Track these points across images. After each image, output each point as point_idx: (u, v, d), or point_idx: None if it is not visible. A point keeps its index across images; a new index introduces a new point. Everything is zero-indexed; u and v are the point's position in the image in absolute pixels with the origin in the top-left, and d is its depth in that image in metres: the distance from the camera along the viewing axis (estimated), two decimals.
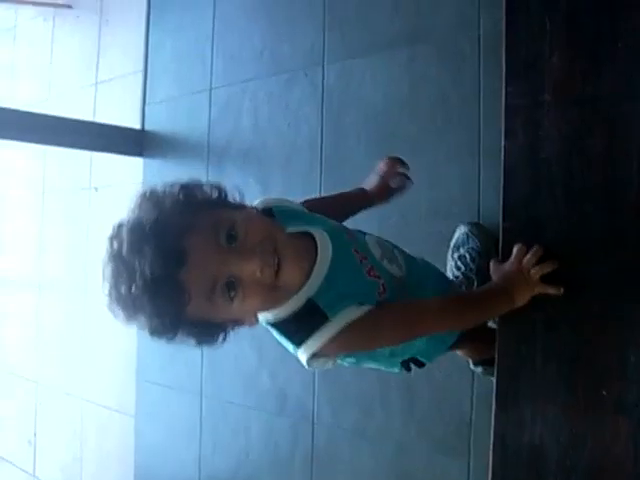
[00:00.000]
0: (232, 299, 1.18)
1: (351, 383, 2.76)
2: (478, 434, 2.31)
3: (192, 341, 1.25)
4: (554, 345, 1.42)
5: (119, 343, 3.84)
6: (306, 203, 1.61)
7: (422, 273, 1.63)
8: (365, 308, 1.30)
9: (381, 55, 2.74)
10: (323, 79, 2.94)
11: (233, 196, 1.31)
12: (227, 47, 3.44)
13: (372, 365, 1.65)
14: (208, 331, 1.26)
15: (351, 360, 1.55)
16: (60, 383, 4.52)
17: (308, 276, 1.30)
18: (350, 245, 1.41)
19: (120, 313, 1.18)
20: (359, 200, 1.83)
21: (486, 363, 2.03)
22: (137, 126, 3.91)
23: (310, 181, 2.96)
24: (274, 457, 3.15)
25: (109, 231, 1.22)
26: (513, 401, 1.46)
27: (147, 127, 3.89)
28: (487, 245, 2.16)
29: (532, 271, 1.40)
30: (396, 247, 1.60)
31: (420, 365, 1.71)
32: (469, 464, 2.35)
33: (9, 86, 4.99)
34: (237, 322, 1.29)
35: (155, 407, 3.76)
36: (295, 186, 3.03)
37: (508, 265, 1.44)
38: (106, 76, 4.27)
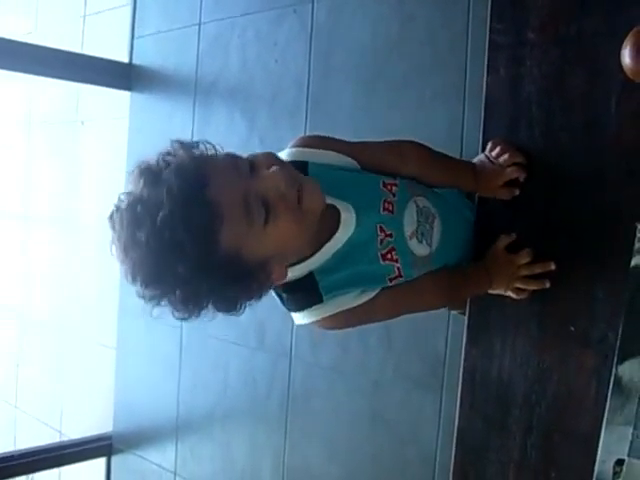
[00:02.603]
0: (265, 226, 1.11)
1: None
2: (451, 371, 2.36)
3: (221, 305, 1.16)
4: None
5: (102, 277, 3.85)
6: (414, 143, 1.49)
7: (455, 236, 1.52)
8: (363, 298, 1.29)
9: None
10: (312, 16, 2.92)
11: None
12: None
13: None
14: (242, 279, 1.14)
15: None
16: (44, 317, 4.54)
17: (320, 247, 1.27)
18: (377, 221, 1.33)
19: (139, 278, 1.09)
20: (461, 179, 1.52)
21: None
22: (125, 59, 3.89)
23: (296, 118, 2.95)
24: (252, 392, 3.20)
25: (110, 208, 1.11)
26: (483, 335, 1.49)
27: (135, 61, 3.86)
28: None
29: (522, 270, 1.41)
30: (442, 208, 1.47)
31: None
32: (441, 400, 2.41)
33: None
34: (267, 270, 1.17)
35: (136, 340, 3.80)
36: (281, 123, 3.03)
37: (501, 254, 1.44)
38: (95, 9, 4.22)
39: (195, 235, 1.04)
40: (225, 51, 3.33)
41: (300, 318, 1.30)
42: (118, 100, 3.93)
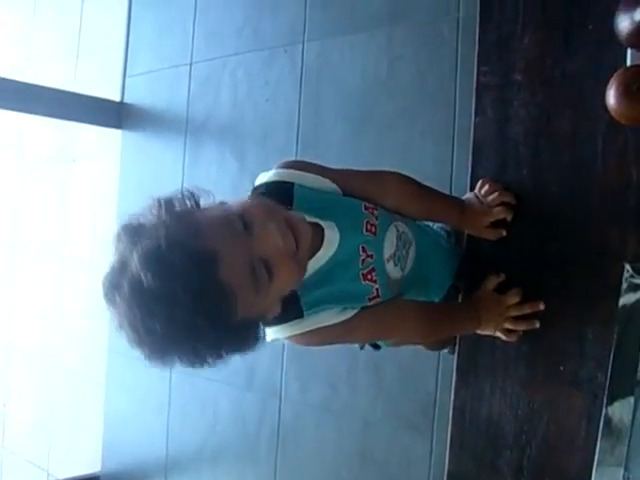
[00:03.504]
0: (269, 283, 1.12)
1: (319, 359, 2.78)
2: (442, 412, 2.35)
3: (236, 353, 1.17)
4: None
5: (91, 313, 3.83)
6: (399, 175, 1.50)
7: (430, 266, 1.54)
8: (344, 316, 1.29)
9: (361, 35, 2.76)
10: (303, 56, 2.95)
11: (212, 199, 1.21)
12: (209, 22, 3.44)
13: None
14: (248, 334, 1.17)
15: None
16: (31, 353, 4.52)
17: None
18: (360, 241, 1.34)
19: (151, 355, 1.10)
20: (447, 215, 1.56)
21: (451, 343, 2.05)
22: (117, 98, 3.90)
23: (286, 156, 2.94)
24: (241, 432, 3.18)
25: (104, 287, 1.10)
26: (473, 375, 1.48)
27: (127, 99, 3.88)
28: None
29: (511, 311, 1.41)
30: (418, 236, 1.50)
31: (376, 348, 1.70)
32: (432, 441, 2.39)
33: None
34: (264, 318, 1.21)
35: (125, 378, 3.77)
36: (272, 162, 3.00)
37: (490, 295, 1.44)
38: (88, 47, 4.25)
39: (213, 319, 1.04)
40: (216, 90, 3.35)
41: (276, 332, 1.29)
42: (109, 138, 3.95)
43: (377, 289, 1.34)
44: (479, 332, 1.45)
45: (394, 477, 2.63)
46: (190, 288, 1.01)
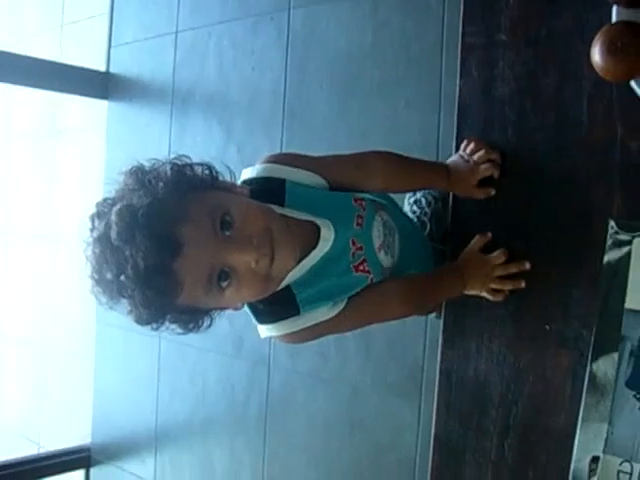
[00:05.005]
0: (224, 289, 1.14)
1: None
2: (430, 377, 2.36)
3: (178, 329, 1.21)
4: None
5: (79, 289, 3.82)
6: (381, 154, 1.50)
7: (412, 250, 1.58)
8: (336, 310, 1.30)
9: (346, 1, 2.74)
10: (289, 24, 2.93)
11: (224, 177, 1.25)
12: None
13: None
14: (194, 318, 1.21)
15: None
16: (21, 329, 4.51)
17: (298, 263, 1.27)
18: (350, 235, 1.36)
19: (104, 298, 1.13)
20: (434, 180, 1.54)
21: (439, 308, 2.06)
22: (102, 68, 3.87)
23: (273, 126, 2.96)
24: (230, 400, 3.19)
25: (92, 208, 1.16)
26: (459, 336, 1.49)
27: (112, 70, 3.86)
28: None
29: (496, 270, 1.42)
30: (399, 222, 1.53)
31: None
32: (420, 406, 2.40)
33: None
34: (223, 308, 1.25)
35: (114, 351, 3.78)
36: (258, 131, 3.03)
37: (476, 255, 1.45)
38: (72, 18, 4.21)
39: (152, 298, 1.08)
40: (202, 59, 3.33)
41: (271, 330, 1.31)
42: (95, 110, 3.92)
43: (372, 279, 1.36)
44: (466, 292, 1.46)
45: (383, 443, 2.64)
46: (142, 262, 1.05)
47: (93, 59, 3.89)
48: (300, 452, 2.92)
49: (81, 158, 4.12)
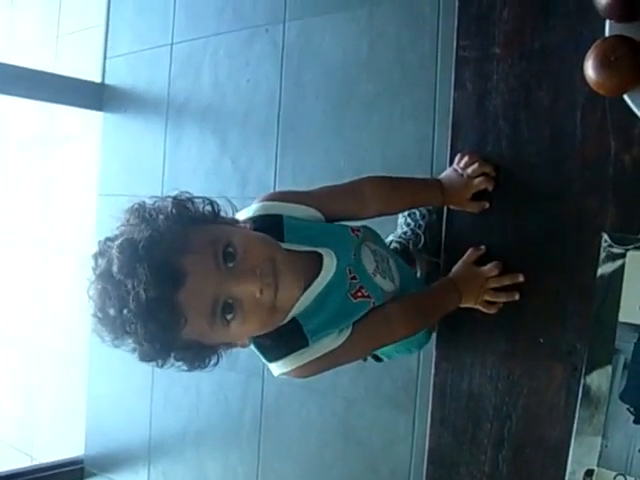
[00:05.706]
0: (229, 322, 1.14)
1: None
2: (424, 390, 2.35)
3: (184, 366, 1.20)
4: None
5: (73, 296, 3.82)
6: (373, 180, 1.50)
7: (410, 274, 1.61)
8: (343, 337, 1.30)
9: (341, 13, 2.75)
10: (284, 36, 2.94)
11: (226, 212, 1.25)
12: (189, 2, 3.43)
13: None
14: (200, 355, 1.20)
15: None
16: (14, 337, 4.49)
17: (302, 294, 1.27)
18: (347, 264, 1.36)
19: (108, 337, 1.12)
20: (430, 197, 1.54)
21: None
22: (97, 79, 3.88)
23: (267, 138, 2.96)
24: (224, 412, 3.18)
25: (94, 247, 1.15)
26: (453, 349, 1.49)
27: (107, 81, 3.86)
28: None
29: (490, 283, 1.42)
30: (390, 252, 1.57)
31: (378, 360, 1.76)
32: (414, 418, 2.40)
33: None
34: (230, 345, 1.24)
35: (108, 362, 3.76)
36: (252, 142, 3.03)
37: (469, 268, 1.46)
38: (67, 29, 4.22)
39: (155, 333, 1.07)
40: (197, 71, 3.34)
41: (282, 366, 1.30)
42: (90, 120, 3.92)
43: (373, 302, 1.37)
44: (460, 305, 1.46)
45: (377, 455, 2.64)
46: (144, 294, 1.04)
47: (88, 70, 3.89)
48: (294, 464, 2.91)
49: (76, 168, 4.12)
